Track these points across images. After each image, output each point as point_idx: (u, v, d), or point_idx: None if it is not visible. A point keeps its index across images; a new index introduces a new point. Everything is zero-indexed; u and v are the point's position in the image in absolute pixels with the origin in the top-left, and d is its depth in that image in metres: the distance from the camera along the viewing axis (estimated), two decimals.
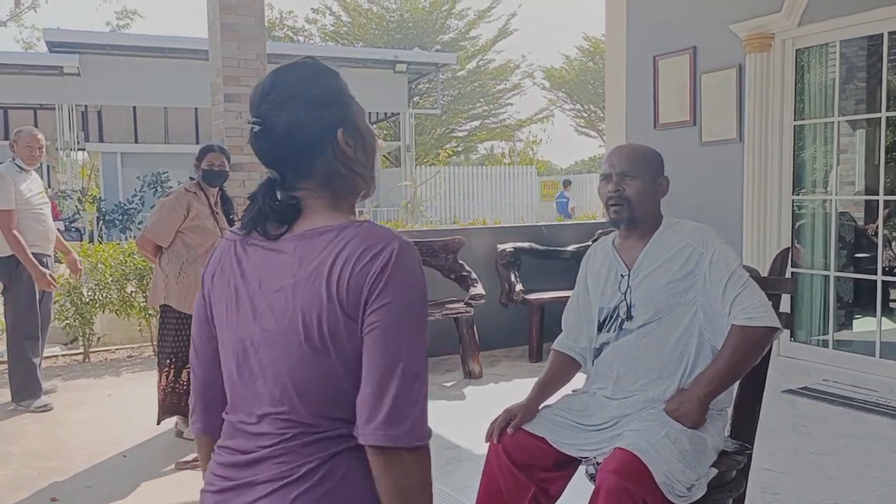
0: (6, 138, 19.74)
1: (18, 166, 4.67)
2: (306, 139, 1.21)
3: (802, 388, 4.65)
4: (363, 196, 1.32)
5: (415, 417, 1.10)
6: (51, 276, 4.65)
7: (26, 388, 4.64)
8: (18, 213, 4.53)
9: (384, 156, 23.45)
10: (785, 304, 5.07)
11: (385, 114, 23.31)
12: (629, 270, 2.23)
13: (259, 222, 1.22)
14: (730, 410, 2.27)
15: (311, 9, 43.31)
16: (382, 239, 1.15)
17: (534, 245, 6.13)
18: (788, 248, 2.44)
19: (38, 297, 4.66)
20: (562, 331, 2.46)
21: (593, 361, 2.31)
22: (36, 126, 20.80)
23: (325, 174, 1.23)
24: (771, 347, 2.30)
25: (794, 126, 5.16)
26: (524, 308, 5.79)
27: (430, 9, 27.30)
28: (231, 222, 4.00)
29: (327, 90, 1.24)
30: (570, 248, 6.20)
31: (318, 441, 1.16)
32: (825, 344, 5.11)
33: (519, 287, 5.76)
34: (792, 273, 5.15)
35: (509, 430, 2.17)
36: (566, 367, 2.41)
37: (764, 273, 2.32)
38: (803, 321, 5.28)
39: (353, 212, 1.28)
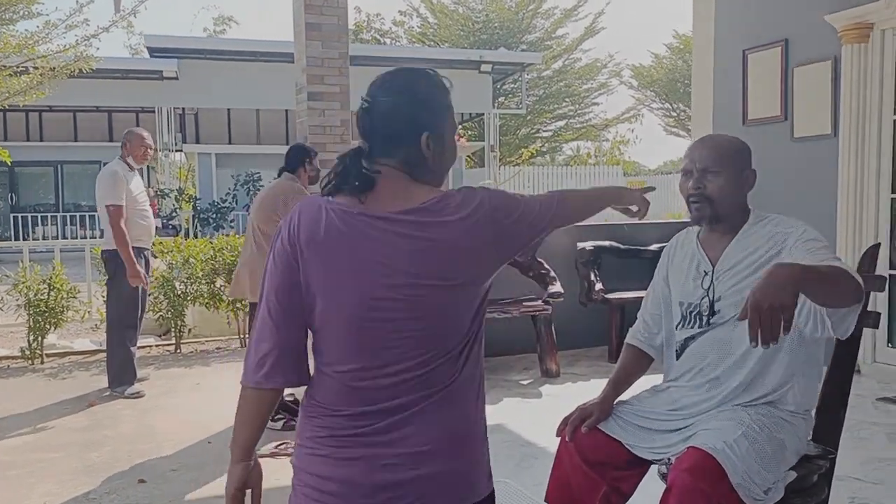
0: (111, 140, 20.87)
1: (129, 165, 4.91)
2: (397, 128, 1.45)
3: None
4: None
5: None
6: (144, 274, 4.86)
7: (123, 376, 4.88)
8: (126, 209, 4.75)
9: (468, 156, 23.53)
10: (875, 304, 4.83)
11: (470, 114, 23.39)
12: (713, 267, 2.15)
13: (343, 182, 1.44)
14: (813, 413, 2.17)
15: (399, 11, 43.91)
16: (478, 192, 1.47)
17: (615, 244, 6.02)
18: (878, 244, 2.29)
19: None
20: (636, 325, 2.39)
21: (677, 356, 2.23)
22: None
23: (406, 159, 1.46)
24: (857, 351, 2.19)
25: (894, 120, 4.89)
26: (604, 308, 5.70)
27: (515, 9, 27.22)
28: None
29: (431, 98, 1.48)
30: (653, 247, 6.06)
31: (449, 360, 1.42)
32: None
33: (599, 286, 5.68)
34: (890, 275, 4.88)
35: (584, 429, 2.13)
36: (640, 362, 2.34)
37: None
38: None
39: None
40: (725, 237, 2.15)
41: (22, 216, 19.19)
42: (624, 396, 2.25)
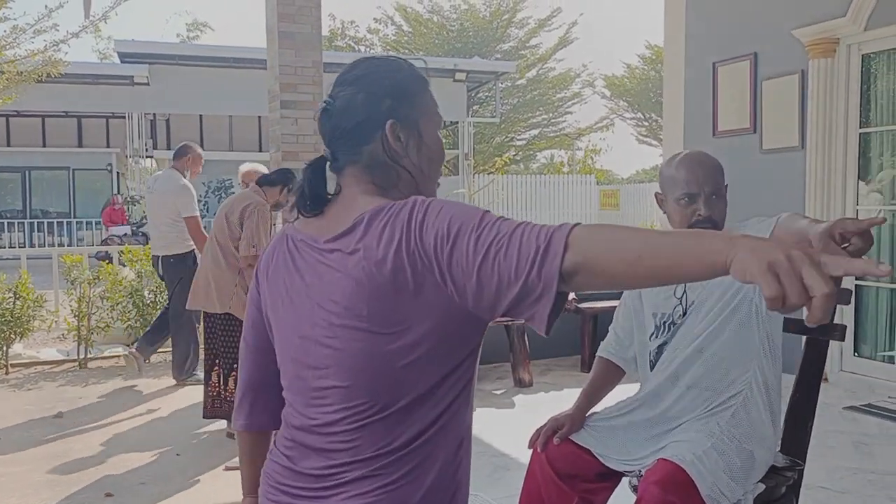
0: (80, 146, 20.59)
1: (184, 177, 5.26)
2: (356, 120, 1.22)
3: (866, 406, 4.47)
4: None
5: (541, 233, 1.00)
6: None
7: (194, 363, 5.40)
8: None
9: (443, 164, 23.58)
10: (841, 317, 4.92)
11: (444, 122, 23.40)
12: None
13: (300, 203, 1.24)
14: (782, 421, 2.19)
15: (374, 19, 43.88)
16: (400, 202, 1.14)
17: None
18: None
19: None
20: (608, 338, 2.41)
21: (651, 367, 2.24)
22: (107, 134, 21.36)
23: (370, 162, 1.22)
24: (825, 361, 2.22)
25: (860, 134, 4.98)
26: (576, 317, 5.72)
27: (490, 18, 27.34)
28: None
29: (394, 84, 1.25)
30: None
31: (384, 421, 1.14)
32: (891, 360, 4.91)
33: (571, 296, 5.70)
34: (856, 286, 4.97)
35: (556, 440, 2.13)
36: (611, 375, 2.35)
37: None
38: (868, 336, 5.08)
39: None
40: None
41: None
42: (597, 408, 2.26)
